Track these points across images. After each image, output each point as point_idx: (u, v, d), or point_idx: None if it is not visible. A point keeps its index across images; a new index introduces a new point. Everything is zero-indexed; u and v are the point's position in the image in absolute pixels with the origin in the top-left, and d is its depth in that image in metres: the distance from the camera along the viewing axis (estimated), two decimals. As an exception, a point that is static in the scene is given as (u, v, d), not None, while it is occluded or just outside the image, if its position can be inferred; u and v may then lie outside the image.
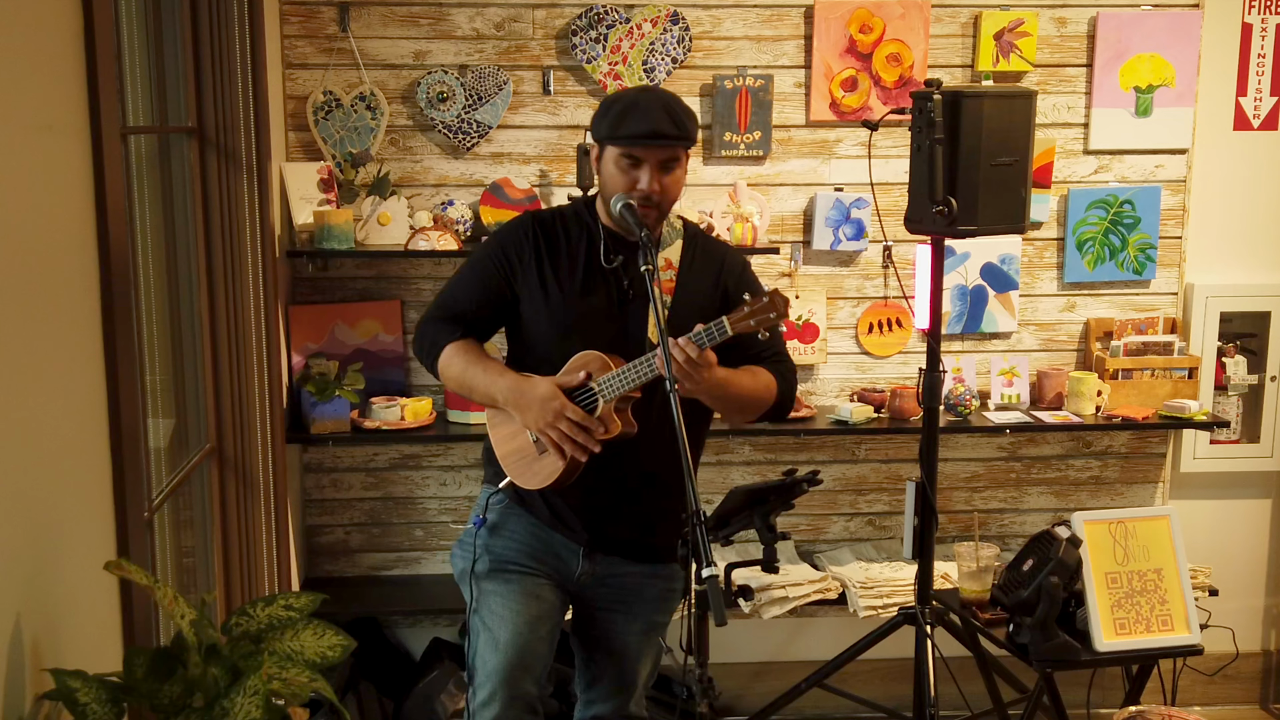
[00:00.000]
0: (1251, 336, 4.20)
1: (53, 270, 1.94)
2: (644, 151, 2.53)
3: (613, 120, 2.54)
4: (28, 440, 1.84)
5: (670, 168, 2.56)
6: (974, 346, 4.12)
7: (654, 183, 2.53)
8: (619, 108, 2.55)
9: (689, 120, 2.57)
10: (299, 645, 1.96)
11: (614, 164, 2.56)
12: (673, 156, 2.56)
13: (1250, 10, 4.02)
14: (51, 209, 1.94)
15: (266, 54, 3.31)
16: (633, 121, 2.52)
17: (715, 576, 2.21)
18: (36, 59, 1.89)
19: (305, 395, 3.72)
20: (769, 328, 2.43)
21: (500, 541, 2.71)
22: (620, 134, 2.53)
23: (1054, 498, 4.23)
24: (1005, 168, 3.22)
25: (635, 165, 2.54)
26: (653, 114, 2.51)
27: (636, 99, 2.56)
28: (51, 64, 1.95)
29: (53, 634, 1.91)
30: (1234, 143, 4.10)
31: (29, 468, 1.84)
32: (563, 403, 2.51)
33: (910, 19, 3.89)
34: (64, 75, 2.00)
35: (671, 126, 2.52)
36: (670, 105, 2.55)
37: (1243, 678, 4.34)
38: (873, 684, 4.14)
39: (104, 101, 2.10)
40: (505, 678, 2.60)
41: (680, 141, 2.55)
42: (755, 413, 2.67)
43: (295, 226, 3.73)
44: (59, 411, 1.96)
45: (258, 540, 3.32)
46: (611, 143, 2.56)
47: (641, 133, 2.51)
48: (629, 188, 2.54)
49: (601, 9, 3.81)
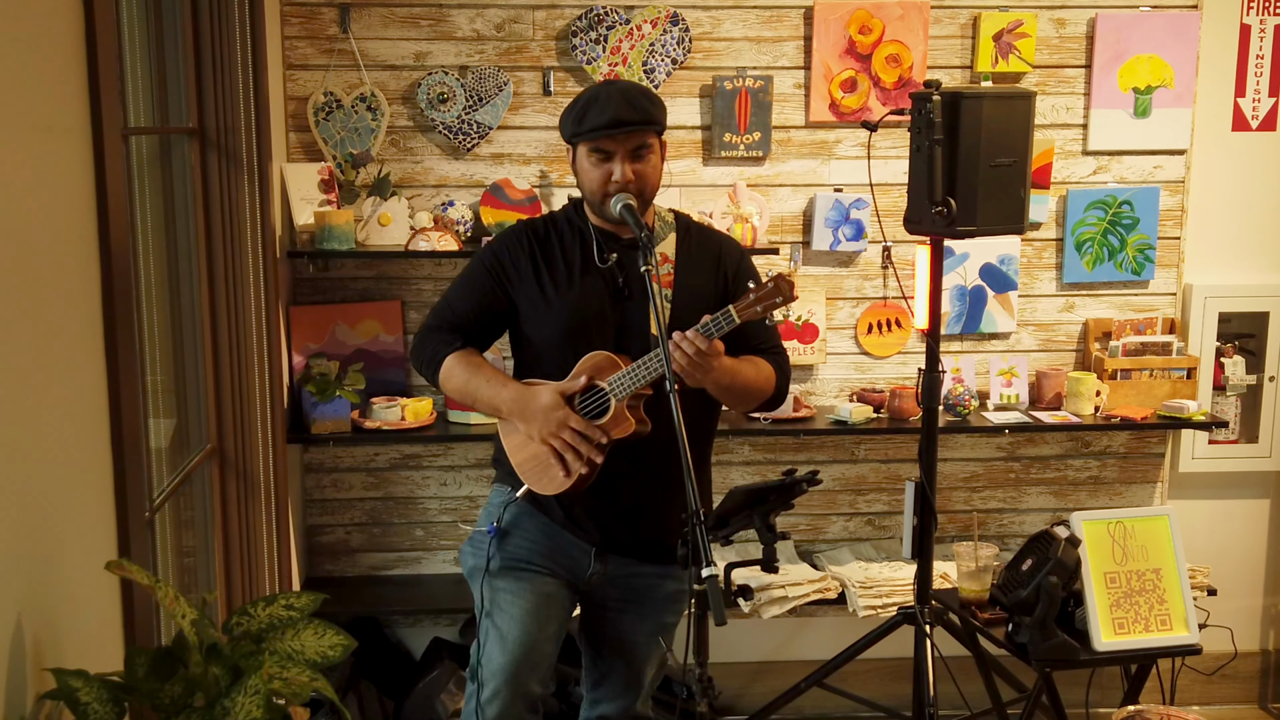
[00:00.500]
0: (1250, 337, 4.20)
1: (54, 270, 1.94)
2: (611, 143, 2.54)
3: (575, 117, 2.56)
4: (29, 440, 1.83)
5: (641, 155, 2.57)
6: (973, 347, 4.12)
7: (627, 171, 2.55)
8: (580, 104, 2.57)
9: (652, 104, 2.57)
10: (300, 645, 1.96)
11: (586, 161, 2.58)
12: (641, 143, 2.57)
13: (1249, 11, 4.02)
14: (53, 209, 1.94)
15: (267, 55, 3.32)
16: (594, 114, 2.53)
17: (715, 576, 2.21)
18: (38, 60, 1.89)
19: (306, 395, 3.72)
20: (773, 312, 2.47)
21: (513, 541, 2.71)
22: (584, 129, 2.54)
23: (1053, 498, 4.23)
24: (1004, 168, 3.22)
25: (606, 159, 2.56)
26: (612, 103, 2.52)
27: (596, 93, 2.58)
28: (53, 65, 1.95)
29: (54, 633, 1.91)
30: (1232, 143, 4.10)
31: (30, 468, 1.84)
32: (565, 413, 2.53)
33: (909, 20, 3.89)
34: (65, 76, 2.00)
35: (632, 112, 2.53)
36: (628, 92, 2.55)
37: (1241, 677, 4.34)
38: (872, 683, 4.14)
39: (105, 102, 2.11)
40: (511, 675, 2.61)
41: (644, 126, 2.55)
42: (756, 402, 2.71)
43: (296, 227, 3.73)
44: (60, 411, 1.96)
45: (258, 540, 3.32)
46: (578, 139, 2.57)
47: (603, 123, 2.52)
48: (604, 181, 2.56)
49: (601, 10, 3.81)
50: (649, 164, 2.59)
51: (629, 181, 2.55)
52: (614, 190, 2.55)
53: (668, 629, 2.81)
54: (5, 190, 1.76)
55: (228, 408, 3.25)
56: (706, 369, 2.45)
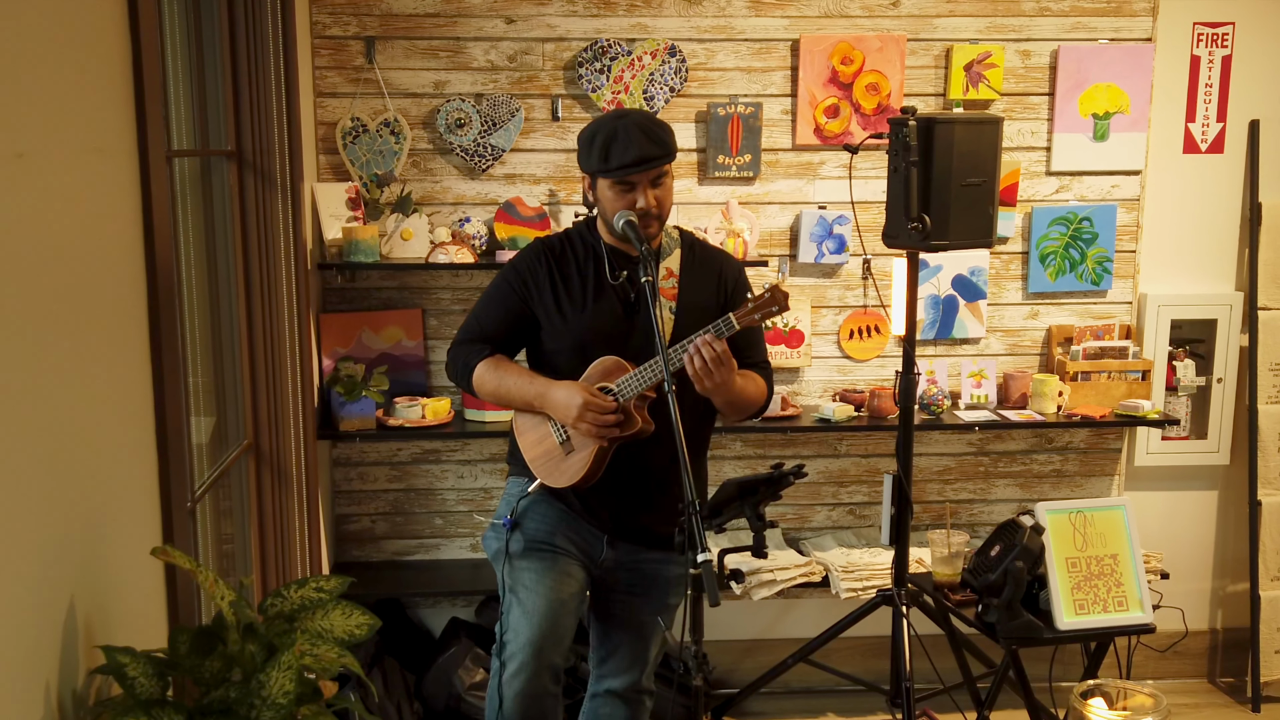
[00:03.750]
0: (1200, 342, 4.20)
1: (104, 281, 1.94)
2: (636, 176, 2.53)
3: (599, 154, 2.53)
4: (82, 437, 1.84)
5: (660, 182, 2.57)
6: (946, 351, 4.12)
7: (650, 199, 2.55)
8: (601, 140, 2.53)
9: (668, 136, 2.57)
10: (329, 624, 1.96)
11: (609, 191, 2.57)
12: (661, 172, 2.57)
13: (1198, 44, 4.02)
14: (104, 225, 1.95)
15: (299, 83, 3.32)
16: (618, 152, 2.51)
17: (709, 561, 2.22)
18: (89, 87, 1.89)
19: (334, 395, 3.72)
20: (770, 319, 2.49)
21: (533, 525, 2.71)
22: (611, 167, 2.52)
23: (1019, 489, 4.23)
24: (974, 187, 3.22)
25: (629, 189, 2.55)
26: (634, 141, 2.50)
27: (615, 129, 2.53)
28: (103, 92, 1.96)
29: (104, 614, 1.91)
30: (1184, 165, 4.10)
31: (83, 462, 1.84)
32: (586, 398, 2.53)
33: (888, 52, 3.89)
34: (114, 102, 2.01)
35: (655, 149, 2.52)
36: (646, 127, 2.53)
37: (1191, 654, 4.34)
38: (853, 660, 4.14)
39: (151, 126, 2.11)
40: (537, 648, 2.59)
41: (665, 160, 2.55)
42: (749, 412, 2.72)
43: (325, 241, 3.73)
44: (110, 411, 1.96)
45: (291, 528, 3.31)
46: (603, 175, 2.55)
47: (630, 161, 2.50)
48: (629, 209, 2.55)
49: (605, 43, 3.81)
50: (665, 188, 2.59)
51: (651, 208, 2.55)
52: (638, 215, 2.55)
53: (669, 610, 2.81)
54: (61, 207, 1.76)
55: (263, 407, 3.25)
56: (718, 376, 2.46)
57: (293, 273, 3.25)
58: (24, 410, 1.62)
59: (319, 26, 3.76)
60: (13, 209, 1.59)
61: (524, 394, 2.64)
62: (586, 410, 2.53)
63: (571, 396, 2.55)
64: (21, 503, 1.61)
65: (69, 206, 1.80)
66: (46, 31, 1.72)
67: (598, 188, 2.59)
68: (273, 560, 3.29)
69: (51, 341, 1.72)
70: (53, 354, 1.73)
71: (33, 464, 1.65)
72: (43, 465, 1.69)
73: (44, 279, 1.69)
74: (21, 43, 1.64)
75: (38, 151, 1.68)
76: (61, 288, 1.76)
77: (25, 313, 1.63)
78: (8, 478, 1.56)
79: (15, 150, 1.60)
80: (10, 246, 1.58)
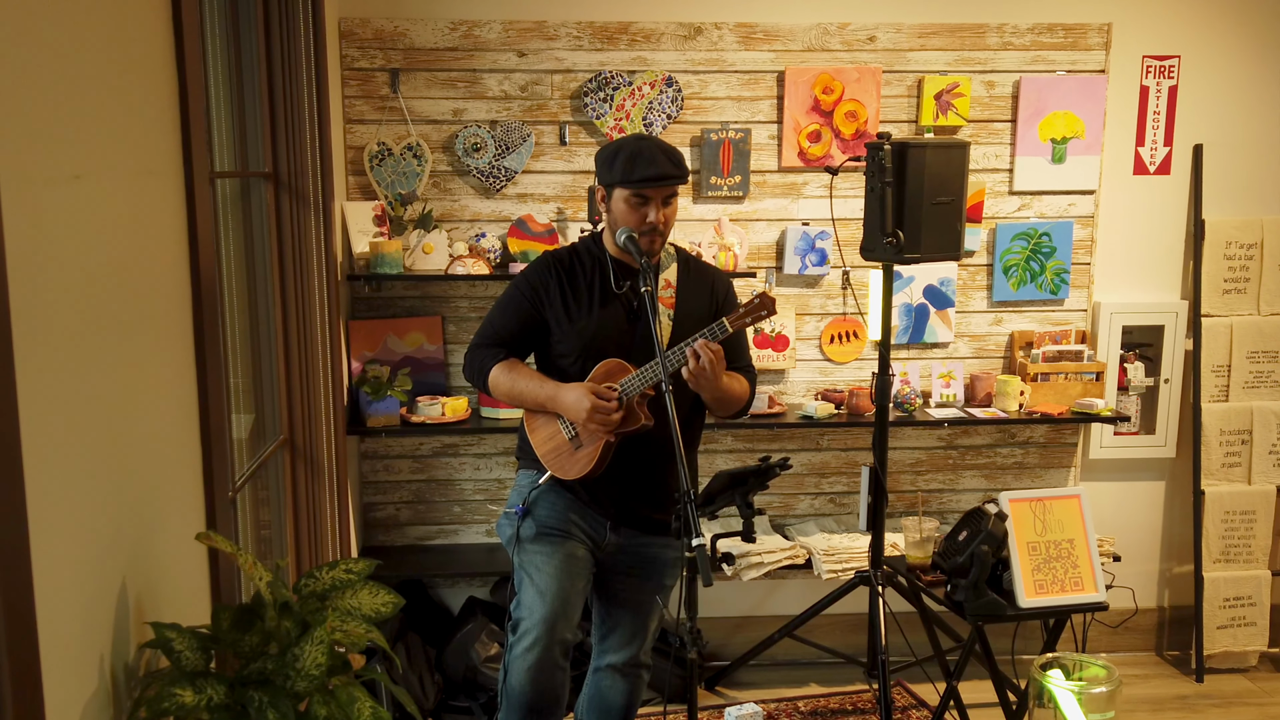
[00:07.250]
0: (1148, 345, 4.20)
1: (153, 293, 1.94)
2: (653, 191, 2.55)
3: (622, 167, 2.55)
4: (133, 433, 1.84)
5: (669, 201, 2.60)
6: (918, 354, 4.12)
7: (659, 215, 2.57)
8: (625, 155, 2.56)
9: (684, 161, 2.61)
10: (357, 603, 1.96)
11: (624, 203, 2.58)
12: (672, 192, 2.60)
13: (1147, 75, 4.03)
14: (153, 240, 1.95)
15: (330, 111, 3.32)
16: (641, 167, 2.53)
17: (703, 545, 2.22)
18: (140, 115, 1.89)
19: (362, 395, 3.72)
20: (759, 323, 2.51)
21: (544, 512, 2.71)
22: (633, 179, 2.54)
23: (984, 480, 4.23)
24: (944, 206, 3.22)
25: (644, 203, 2.57)
26: (657, 160, 2.54)
27: (638, 147, 2.57)
28: (152, 119, 1.96)
29: (153, 593, 1.91)
30: (1134, 185, 4.10)
31: (134, 456, 1.84)
32: (593, 400, 2.55)
33: (865, 82, 3.89)
34: (162, 128, 2.01)
35: (674, 168, 2.55)
36: (667, 151, 2.58)
37: (1141, 630, 4.34)
38: (833, 635, 4.14)
39: (195, 150, 2.11)
40: (549, 625, 2.58)
41: (680, 180, 2.58)
42: (736, 408, 2.73)
43: (354, 255, 3.73)
44: (158, 410, 1.96)
45: (323, 515, 3.31)
46: (623, 186, 2.57)
47: (651, 176, 2.53)
48: (639, 222, 2.57)
49: (609, 74, 3.81)
50: (673, 207, 2.63)
51: (660, 223, 2.58)
52: (647, 230, 2.57)
53: (666, 590, 2.81)
54: (113, 224, 1.76)
55: (298, 405, 3.25)
56: (712, 376, 2.48)
57: (324, 283, 3.26)
58: (82, 411, 1.62)
59: (348, 59, 3.77)
60: (71, 225, 1.59)
61: (536, 396, 2.65)
62: (595, 411, 2.54)
63: (580, 399, 2.56)
64: (80, 493, 1.61)
65: (122, 223, 1.80)
66: (101, 63, 1.73)
67: (612, 199, 2.60)
68: (306, 544, 3.29)
69: (106, 347, 1.72)
70: (108, 359, 1.73)
71: (90, 459, 1.65)
72: (99, 460, 1.69)
73: (98, 289, 1.69)
74: (79, 73, 1.64)
75: (93, 173, 1.68)
76: (114, 298, 1.76)
77: (82, 321, 1.63)
78: (68, 471, 1.56)
79: (74, 172, 1.61)
80: (69, 259, 1.58)
